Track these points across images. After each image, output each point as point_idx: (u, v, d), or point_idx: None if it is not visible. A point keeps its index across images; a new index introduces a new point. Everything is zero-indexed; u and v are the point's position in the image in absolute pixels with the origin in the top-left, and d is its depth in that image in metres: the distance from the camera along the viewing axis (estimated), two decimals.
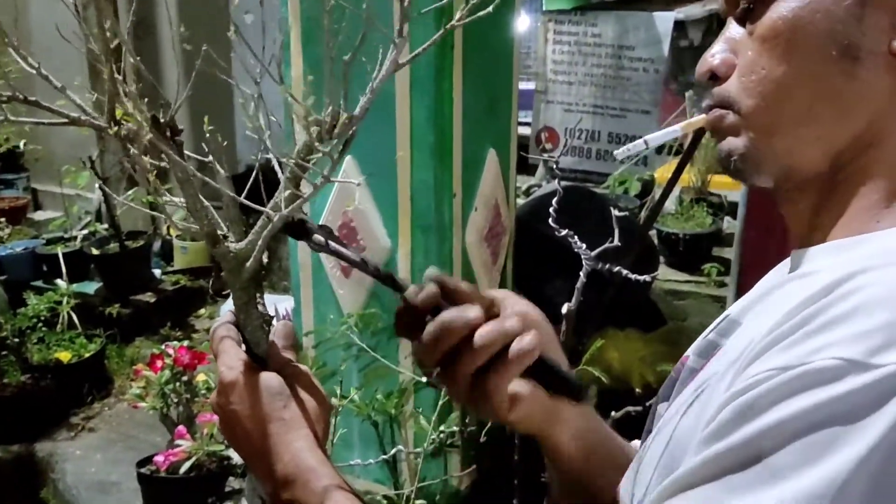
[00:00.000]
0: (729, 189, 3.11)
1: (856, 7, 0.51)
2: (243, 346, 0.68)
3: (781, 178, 0.57)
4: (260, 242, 0.67)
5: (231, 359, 0.66)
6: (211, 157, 0.66)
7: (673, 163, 3.50)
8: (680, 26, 3.97)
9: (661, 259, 2.87)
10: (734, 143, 0.56)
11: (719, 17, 0.92)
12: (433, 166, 1.79)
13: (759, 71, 0.54)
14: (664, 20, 3.88)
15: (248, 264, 0.68)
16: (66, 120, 0.66)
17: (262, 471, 0.65)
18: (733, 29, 0.58)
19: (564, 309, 1.40)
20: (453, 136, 1.82)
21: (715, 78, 0.57)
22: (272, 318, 0.74)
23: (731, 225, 2.94)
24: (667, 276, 2.71)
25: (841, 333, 0.43)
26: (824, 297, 0.46)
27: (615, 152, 0.68)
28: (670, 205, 3.08)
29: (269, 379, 0.65)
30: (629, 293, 2.27)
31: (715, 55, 0.57)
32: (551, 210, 1.42)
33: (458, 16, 0.72)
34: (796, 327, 0.45)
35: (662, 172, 3.40)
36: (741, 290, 2.33)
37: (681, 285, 2.67)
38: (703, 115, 0.59)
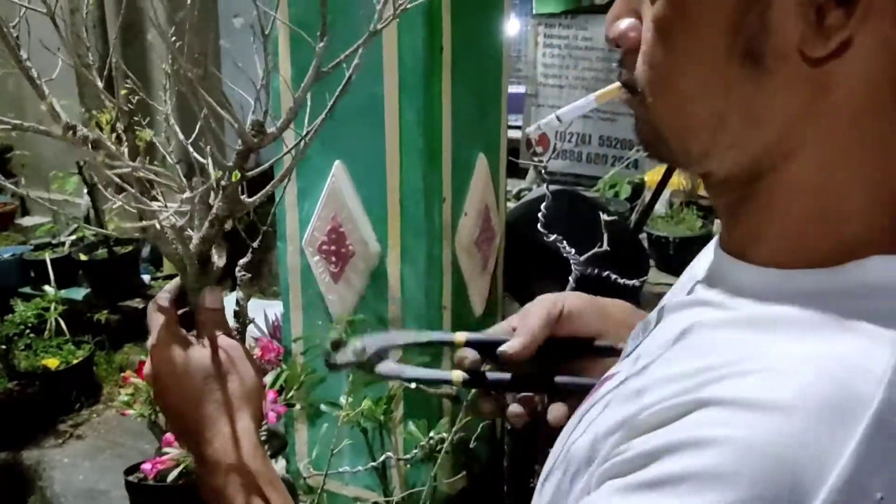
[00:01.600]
0: None
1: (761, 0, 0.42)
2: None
3: (698, 174, 0.51)
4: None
5: (163, 333, 0.66)
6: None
7: (663, 166, 3.51)
8: None
9: (651, 262, 2.87)
10: (647, 135, 0.50)
11: None
12: (423, 170, 1.78)
13: (656, 63, 0.46)
14: None
15: (189, 269, 0.68)
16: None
17: (193, 450, 0.65)
18: None
19: None
20: (443, 140, 1.81)
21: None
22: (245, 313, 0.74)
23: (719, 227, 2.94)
24: (657, 279, 2.71)
25: (676, 500, 0.38)
26: (683, 412, 0.41)
27: (527, 130, 0.66)
28: (660, 208, 3.08)
29: (201, 359, 0.65)
30: (618, 297, 2.26)
31: (620, 21, 0.49)
32: (539, 215, 1.41)
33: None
34: (640, 461, 0.41)
35: (653, 176, 3.40)
36: None
37: (670, 289, 2.65)
38: (617, 85, 0.52)
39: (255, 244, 0.76)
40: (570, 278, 1.42)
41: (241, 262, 0.74)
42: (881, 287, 0.42)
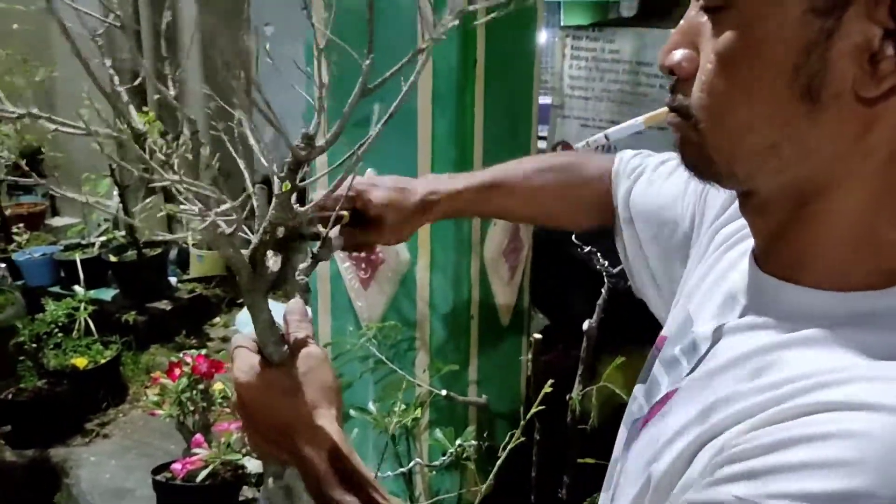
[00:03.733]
0: None
1: (819, 41, 0.45)
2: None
3: (741, 195, 0.55)
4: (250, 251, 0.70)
5: (242, 363, 0.69)
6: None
7: None
8: None
9: None
10: (694, 157, 0.54)
11: None
12: None
13: (715, 94, 0.50)
14: None
15: (242, 272, 0.70)
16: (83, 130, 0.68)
17: (293, 464, 0.67)
18: (698, 14, 0.52)
19: (585, 326, 1.41)
20: (474, 152, 1.83)
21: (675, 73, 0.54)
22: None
23: None
24: None
25: (802, 485, 0.41)
26: (799, 413, 0.44)
27: (575, 146, 0.69)
28: None
29: (280, 379, 0.67)
30: (641, 309, 2.27)
31: (676, 51, 0.53)
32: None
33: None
34: (761, 450, 0.44)
35: None
36: None
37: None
38: (666, 110, 0.56)
39: (314, 250, 0.79)
40: (602, 290, 1.43)
41: (302, 266, 0.76)
42: None
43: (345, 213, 0.86)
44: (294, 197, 0.74)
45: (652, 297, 0.86)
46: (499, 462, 1.50)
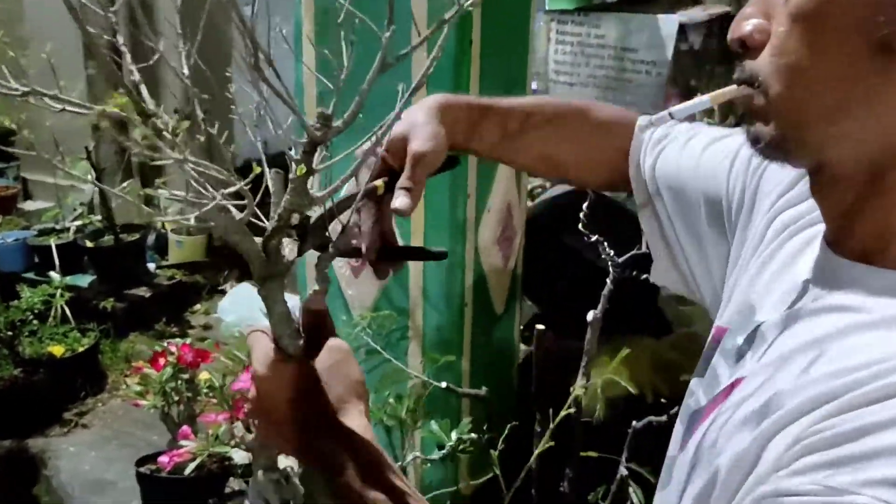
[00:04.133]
0: None
1: None
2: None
3: (812, 168, 0.53)
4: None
5: (262, 354, 0.65)
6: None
7: None
8: (680, 30, 3.95)
9: None
10: (761, 129, 0.52)
11: (720, 20, 0.90)
12: None
13: (788, 54, 0.49)
14: (668, 23, 3.86)
15: (255, 261, 0.66)
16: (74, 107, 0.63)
17: (319, 463, 0.63)
18: None
19: (590, 316, 1.38)
20: None
21: (746, 47, 0.52)
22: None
23: None
24: None
25: (891, 469, 0.39)
26: (882, 396, 0.41)
27: (639, 121, 0.65)
28: None
29: (304, 372, 0.64)
30: (638, 299, 2.25)
31: (748, 21, 0.51)
32: (581, 215, 1.39)
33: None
34: (845, 437, 0.41)
35: None
36: None
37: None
38: (734, 87, 0.54)
39: (322, 241, 0.74)
40: (604, 280, 1.40)
41: (321, 256, 0.72)
42: None
43: (379, 183, 0.80)
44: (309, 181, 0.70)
45: (673, 278, 0.82)
46: (496, 454, 1.47)
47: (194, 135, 0.71)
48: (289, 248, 0.70)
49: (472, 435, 1.45)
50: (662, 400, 1.47)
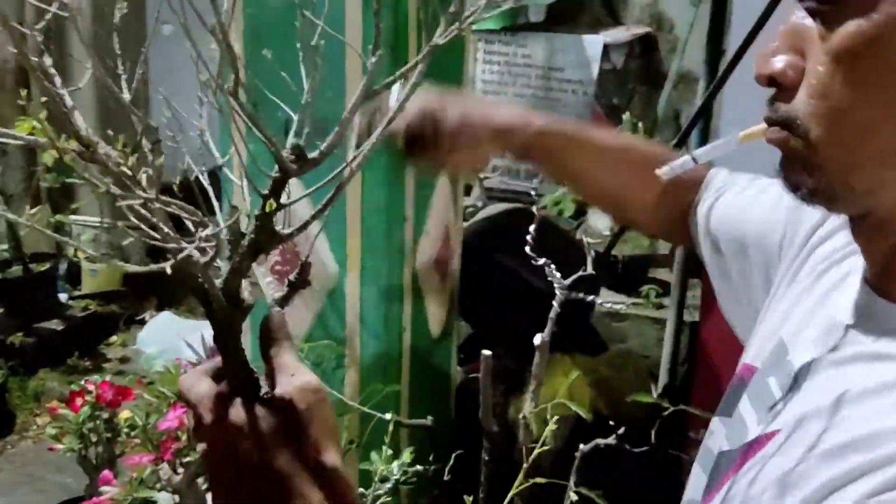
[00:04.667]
0: None
1: None
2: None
3: (857, 214, 0.49)
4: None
5: (219, 405, 0.56)
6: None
7: None
8: (603, 50, 4.01)
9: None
10: (802, 174, 0.47)
11: (641, 41, 0.88)
12: (386, 189, 1.70)
13: (831, 96, 0.44)
14: (593, 43, 3.91)
15: (216, 308, 0.59)
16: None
17: None
18: (802, 19, 0.46)
19: (538, 340, 1.34)
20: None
21: (777, 84, 0.48)
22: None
23: (664, 246, 2.97)
24: (605, 298, 2.70)
25: None
26: None
27: (659, 171, 0.60)
28: (603, 225, 3.09)
29: (277, 419, 0.55)
30: (572, 317, 2.24)
31: (778, 57, 0.47)
32: (528, 238, 1.36)
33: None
34: None
35: None
36: (681, 312, 2.33)
37: (618, 306, 2.66)
38: (764, 126, 0.50)
39: (293, 275, 0.68)
40: (553, 302, 1.37)
41: (276, 296, 0.65)
42: None
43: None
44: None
45: (737, 324, 0.78)
46: (440, 482, 1.41)
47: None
48: (247, 291, 0.63)
49: (418, 467, 1.39)
50: (610, 422, 1.44)
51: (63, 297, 3.17)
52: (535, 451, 1.22)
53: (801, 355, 0.52)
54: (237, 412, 0.53)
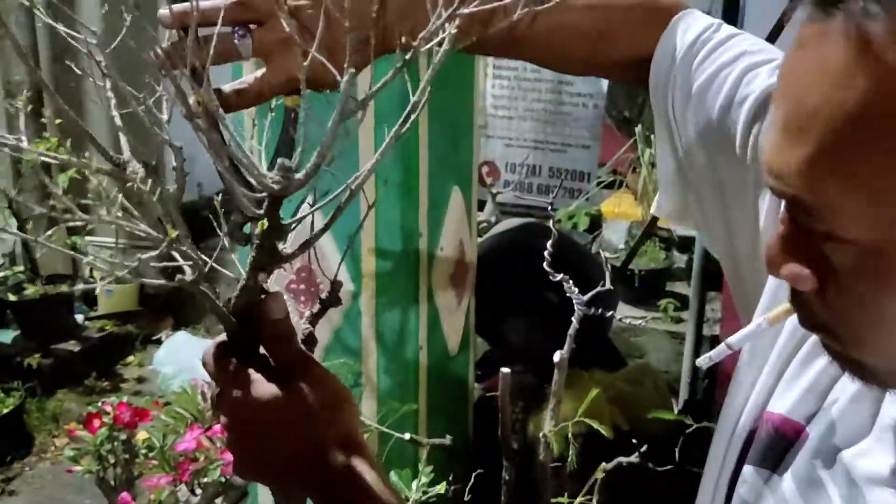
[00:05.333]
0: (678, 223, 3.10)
1: None
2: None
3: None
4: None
5: (226, 376, 0.57)
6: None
7: (618, 196, 3.52)
8: None
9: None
10: (844, 363, 0.45)
11: None
12: (400, 205, 1.70)
13: (850, 318, 0.41)
14: None
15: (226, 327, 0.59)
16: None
17: (304, 491, 0.56)
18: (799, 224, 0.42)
19: (557, 357, 1.32)
20: (419, 174, 1.73)
21: None
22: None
23: (679, 259, 2.95)
24: (622, 312, 2.68)
25: None
26: None
27: (698, 361, 0.58)
28: (618, 239, 3.07)
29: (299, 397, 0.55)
30: (589, 333, 2.22)
31: (785, 268, 0.43)
32: (546, 254, 1.35)
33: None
34: None
35: (609, 207, 3.40)
36: (700, 325, 2.31)
37: (637, 321, 2.63)
38: (788, 306, 0.47)
39: (324, 294, 0.68)
40: (573, 319, 1.36)
41: (307, 314, 0.65)
42: None
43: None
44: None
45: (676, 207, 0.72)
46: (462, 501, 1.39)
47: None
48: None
49: (438, 487, 1.37)
50: (633, 440, 1.42)
51: (79, 317, 3.19)
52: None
53: (862, 462, 0.49)
54: (264, 393, 0.54)
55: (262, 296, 0.60)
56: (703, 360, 0.55)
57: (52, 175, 3.14)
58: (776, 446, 0.55)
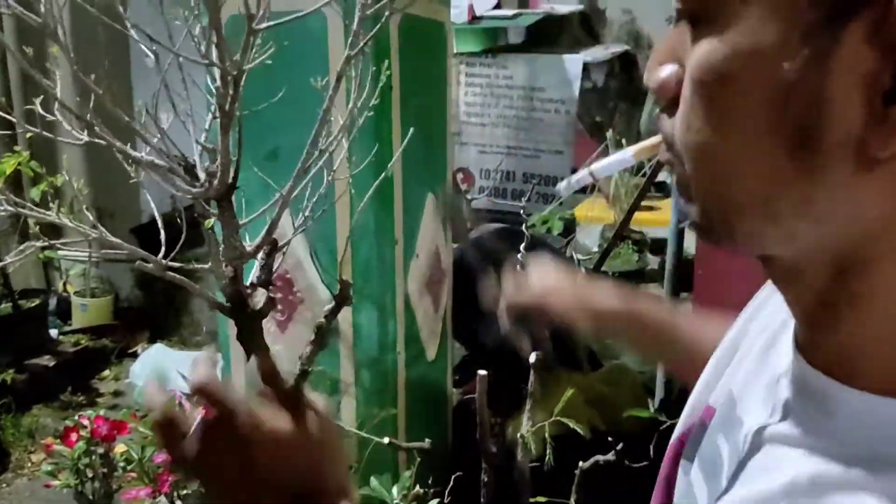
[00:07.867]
0: (650, 226, 3.17)
1: (814, 68, 0.32)
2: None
3: (758, 258, 0.42)
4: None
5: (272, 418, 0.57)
6: None
7: (591, 200, 3.56)
8: (584, 68, 4.06)
9: None
10: (688, 207, 0.41)
11: (620, 59, 0.84)
12: (374, 212, 1.71)
13: (692, 127, 0.38)
14: (574, 62, 3.96)
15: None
16: None
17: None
18: (684, 22, 0.39)
19: (532, 358, 1.35)
20: (394, 180, 1.75)
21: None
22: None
23: (653, 261, 2.99)
24: None
25: None
26: None
27: (558, 186, 0.60)
28: (592, 242, 3.11)
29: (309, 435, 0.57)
30: (565, 334, 2.24)
31: (660, 68, 0.40)
32: (519, 256, 1.37)
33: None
34: None
35: (582, 211, 3.44)
36: None
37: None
38: (656, 139, 0.45)
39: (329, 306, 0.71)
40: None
41: (325, 308, 0.68)
42: None
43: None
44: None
45: None
46: None
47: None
48: (259, 297, 0.68)
49: (418, 489, 1.39)
50: (609, 438, 1.45)
51: (54, 332, 3.16)
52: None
53: (746, 415, 0.47)
54: (283, 425, 0.56)
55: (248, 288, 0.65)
56: (563, 185, 0.55)
57: (23, 189, 3.12)
58: (697, 436, 0.54)
